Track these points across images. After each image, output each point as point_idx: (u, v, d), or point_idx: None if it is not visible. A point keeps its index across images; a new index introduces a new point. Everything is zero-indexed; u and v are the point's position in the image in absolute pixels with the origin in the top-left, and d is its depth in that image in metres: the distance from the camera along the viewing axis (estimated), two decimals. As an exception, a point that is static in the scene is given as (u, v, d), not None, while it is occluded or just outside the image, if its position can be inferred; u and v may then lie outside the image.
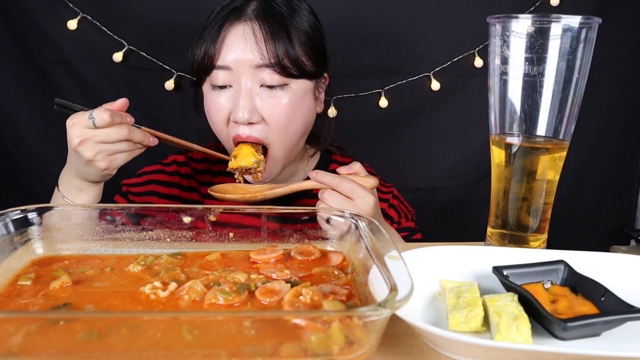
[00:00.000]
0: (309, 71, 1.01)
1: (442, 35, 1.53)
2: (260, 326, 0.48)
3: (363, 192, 0.89)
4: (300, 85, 1.01)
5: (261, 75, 0.97)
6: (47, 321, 0.48)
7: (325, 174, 0.91)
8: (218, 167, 1.17)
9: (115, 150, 0.88)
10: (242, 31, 0.97)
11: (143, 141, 0.90)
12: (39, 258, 0.67)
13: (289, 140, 1.03)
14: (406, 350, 0.57)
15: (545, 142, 0.75)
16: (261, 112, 0.98)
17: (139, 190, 1.14)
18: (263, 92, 0.98)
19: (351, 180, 0.89)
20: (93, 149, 0.86)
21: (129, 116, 0.89)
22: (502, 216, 0.79)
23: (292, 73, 0.98)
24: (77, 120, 0.86)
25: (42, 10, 1.41)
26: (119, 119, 0.86)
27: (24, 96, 1.48)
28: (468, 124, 1.59)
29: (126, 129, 0.87)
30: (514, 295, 0.59)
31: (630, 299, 0.59)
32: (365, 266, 0.61)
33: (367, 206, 0.88)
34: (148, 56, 1.45)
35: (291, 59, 0.98)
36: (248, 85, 0.97)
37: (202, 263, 0.67)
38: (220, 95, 1.00)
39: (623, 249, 0.99)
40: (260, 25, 0.97)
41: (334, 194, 0.89)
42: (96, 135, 0.85)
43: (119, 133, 0.86)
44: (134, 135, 0.87)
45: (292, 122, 1.01)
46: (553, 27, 0.71)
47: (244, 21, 0.98)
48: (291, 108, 0.99)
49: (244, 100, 0.97)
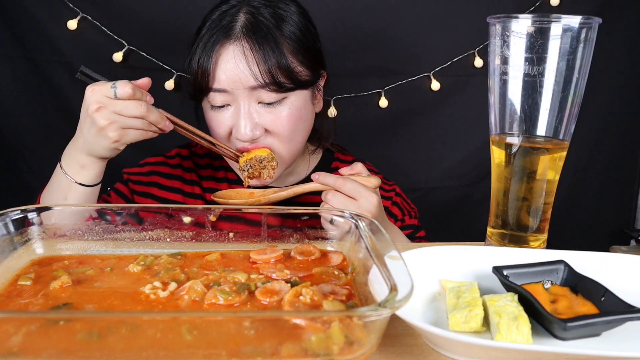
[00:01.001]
0: (304, 80, 1.01)
1: (442, 35, 1.53)
2: (260, 326, 0.48)
3: (366, 192, 0.89)
4: (298, 95, 1.01)
5: (258, 94, 0.97)
6: (47, 321, 0.48)
7: (328, 175, 0.91)
8: (220, 162, 1.17)
9: (130, 125, 0.87)
10: (233, 53, 0.96)
11: (158, 123, 0.90)
12: (39, 258, 0.67)
13: (294, 146, 1.04)
14: (406, 350, 0.57)
15: (545, 142, 0.75)
16: (263, 125, 0.99)
17: (141, 179, 1.13)
18: (262, 109, 0.99)
19: (354, 181, 0.90)
20: (108, 118, 0.86)
21: (150, 95, 0.90)
22: (502, 216, 0.79)
23: (288, 87, 0.98)
24: (99, 88, 0.87)
25: (42, 10, 1.40)
26: (140, 94, 0.87)
27: (24, 96, 1.48)
28: (468, 124, 1.59)
29: (144, 106, 0.87)
30: (514, 295, 0.59)
31: (630, 299, 0.59)
32: (365, 266, 0.61)
33: (370, 206, 0.88)
34: (148, 56, 1.45)
35: (285, 74, 0.97)
36: (246, 105, 0.98)
37: (201, 263, 0.67)
38: (220, 113, 1.00)
39: (623, 249, 0.99)
40: (251, 45, 0.95)
41: (338, 195, 0.89)
42: (115, 105, 0.85)
43: (137, 108, 0.86)
44: (150, 114, 0.88)
45: (296, 131, 1.02)
46: (553, 27, 0.71)
47: (234, 41, 0.96)
48: (292, 118, 1.00)
49: (245, 120, 0.98)
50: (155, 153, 1.18)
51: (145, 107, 0.87)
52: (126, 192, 1.12)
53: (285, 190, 0.95)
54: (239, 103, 0.98)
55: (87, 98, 0.88)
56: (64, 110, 1.48)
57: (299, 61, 1.00)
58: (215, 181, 1.16)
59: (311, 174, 0.93)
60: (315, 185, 0.93)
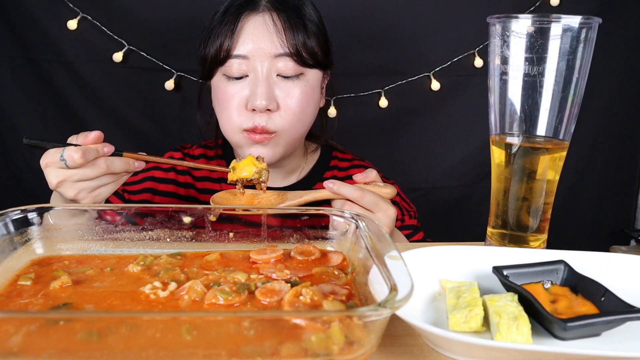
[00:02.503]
0: (321, 61, 1.03)
1: (442, 35, 1.53)
2: (260, 326, 0.48)
3: (385, 205, 0.87)
4: (313, 75, 1.03)
5: (278, 65, 0.98)
6: (47, 321, 0.47)
7: (344, 185, 0.88)
8: (215, 162, 1.17)
9: (97, 186, 0.82)
10: (262, 21, 0.98)
11: (127, 169, 0.84)
12: (39, 258, 0.67)
13: (299, 128, 1.04)
14: (406, 350, 0.57)
15: (545, 142, 0.75)
16: (277, 100, 0.99)
17: (135, 188, 1.13)
18: (279, 81, 0.99)
19: (373, 193, 0.87)
20: (73, 189, 0.81)
21: (108, 146, 0.82)
22: (502, 216, 0.79)
23: (308, 62, 1.00)
24: (50, 161, 0.81)
25: (42, 10, 1.40)
26: (93, 154, 0.80)
27: (24, 96, 1.48)
28: (468, 124, 1.59)
29: (103, 164, 0.81)
30: (514, 295, 0.59)
31: (630, 299, 0.59)
32: (365, 266, 0.61)
33: (388, 220, 0.87)
34: (148, 56, 1.45)
35: (307, 49, 1.00)
36: (265, 73, 0.98)
37: (201, 263, 0.67)
38: (235, 85, 1.00)
39: (623, 249, 0.99)
40: (279, 15, 0.98)
41: (356, 208, 0.86)
42: (72, 176, 0.80)
43: (95, 169, 0.80)
44: (113, 167, 0.82)
45: (305, 111, 1.03)
46: (553, 27, 0.71)
47: (261, 12, 0.99)
48: (305, 96, 1.01)
49: (263, 87, 0.97)
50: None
51: (104, 165, 0.81)
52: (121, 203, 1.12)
53: (296, 198, 0.91)
54: (258, 72, 0.98)
55: (45, 174, 0.82)
56: (64, 111, 1.48)
57: (318, 44, 1.03)
58: (212, 182, 1.15)
59: (324, 182, 0.90)
60: (328, 194, 0.89)
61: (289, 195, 0.91)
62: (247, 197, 0.91)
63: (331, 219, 0.72)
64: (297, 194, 0.91)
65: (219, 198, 0.90)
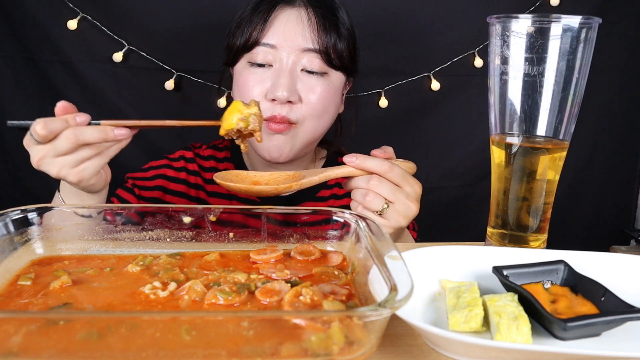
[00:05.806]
0: (347, 65, 1.04)
1: (442, 35, 1.53)
2: (260, 326, 0.48)
3: (412, 179, 0.83)
4: (337, 77, 1.03)
5: (304, 59, 0.99)
6: (47, 321, 0.47)
7: (368, 157, 0.82)
8: (225, 164, 1.17)
9: (77, 160, 0.76)
10: (296, 14, 0.99)
11: (105, 138, 0.77)
12: (39, 258, 0.67)
13: (319, 126, 1.03)
14: (406, 350, 0.57)
15: (545, 142, 0.75)
16: (300, 93, 0.99)
17: (146, 184, 1.12)
18: (303, 76, 1.00)
19: (399, 166, 0.81)
20: (53, 165, 0.76)
21: (81, 115, 0.77)
22: (502, 216, 0.79)
23: (334, 63, 1.00)
24: (27, 142, 0.78)
25: (42, 10, 1.40)
26: (59, 125, 0.74)
27: (24, 96, 1.48)
28: (468, 124, 1.59)
29: (71, 134, 0.74)
30: (514, 295, 0.59)
31: (630, 299, 0.59)
32: (365, 266, 0.61)
33: (415, 195, 0.83)
34: (148, 56, 1.45)
35: (337, 50, 1.00)
36: (290, 65, 0.98)
37: (201, 263, 0.67)
38: (258, 73, 1.00)
39: (623, 249, 0.99)
40: (315, 12, 0.99)
41: (384, 182, 0.80)
42: (49, 151, 0.75)
43: (66, 141, 0.74)
44: (84, 136, 0.75)
45: (327, 109, 1.03)
46: (553, 27, 0.71)
47: (297, 6, 1.00)
48: (328, 94, 1.01)
49: (285, 78, 0.97)
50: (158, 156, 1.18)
51: (72, 135, 0.74)
52: (132, 199, 1.09)
53: (317, 175, 0.84)
54: (283, 63, 0.98)
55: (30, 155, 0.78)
56: (63, 111, 1.48)
57: (347, 49, 1.03)
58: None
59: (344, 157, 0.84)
60: (348, 170, 0.82)
61: (305, 173, 0.85)
62: (253, 178, 0.83)
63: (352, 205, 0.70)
64: (314, 171, 0.85)
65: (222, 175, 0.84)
